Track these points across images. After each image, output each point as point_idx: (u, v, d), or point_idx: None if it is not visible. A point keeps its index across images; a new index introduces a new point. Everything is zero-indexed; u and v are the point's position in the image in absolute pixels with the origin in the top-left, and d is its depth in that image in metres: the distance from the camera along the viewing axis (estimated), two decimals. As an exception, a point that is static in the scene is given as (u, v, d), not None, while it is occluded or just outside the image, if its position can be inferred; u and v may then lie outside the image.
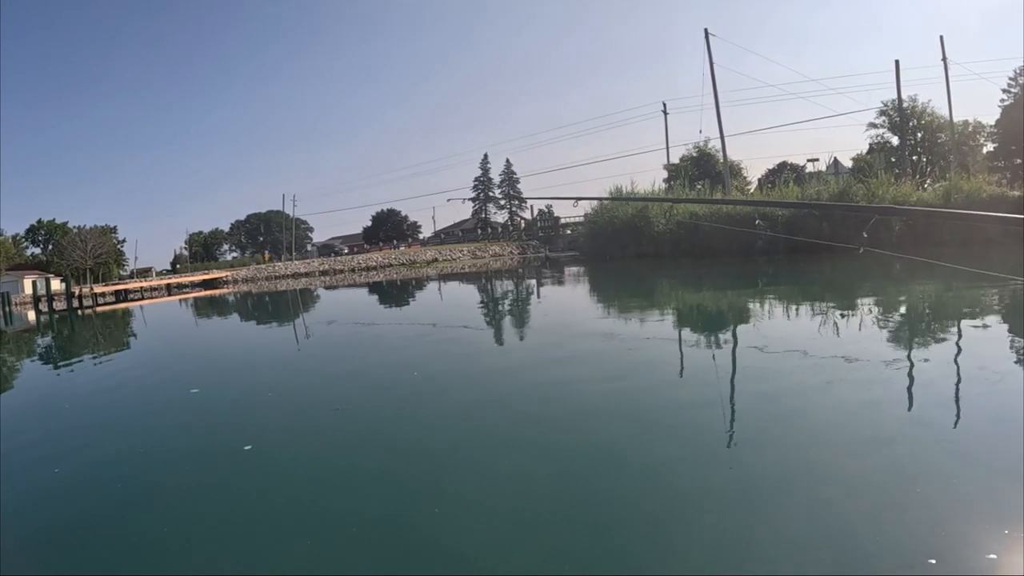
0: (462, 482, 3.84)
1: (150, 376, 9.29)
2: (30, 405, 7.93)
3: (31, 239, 76.92)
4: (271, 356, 10.71)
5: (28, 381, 10.51)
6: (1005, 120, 42.11)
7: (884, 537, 2.75)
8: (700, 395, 5.54)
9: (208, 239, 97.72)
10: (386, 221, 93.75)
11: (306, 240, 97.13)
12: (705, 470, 3.72)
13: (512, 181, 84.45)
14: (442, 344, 10.14)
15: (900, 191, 25.91)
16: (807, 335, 7.98)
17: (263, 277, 51.74)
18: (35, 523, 3.75)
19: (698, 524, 3.04)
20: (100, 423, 6.31)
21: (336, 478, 4.11)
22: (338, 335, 12.98)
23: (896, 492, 3.20)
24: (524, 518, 3.23)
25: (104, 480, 4.46)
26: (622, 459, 4.01)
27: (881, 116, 42.21)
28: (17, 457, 5.22)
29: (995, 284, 10.87)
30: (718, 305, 12.51)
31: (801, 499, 3.22)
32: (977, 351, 6.53)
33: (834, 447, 3.92)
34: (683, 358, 7.31)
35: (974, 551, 2.59)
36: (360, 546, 3.11)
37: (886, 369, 5.89)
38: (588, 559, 2.78)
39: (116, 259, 75.69)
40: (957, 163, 34.23)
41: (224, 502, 3.86)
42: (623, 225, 29.90)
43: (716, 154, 42.59)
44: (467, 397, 6.12)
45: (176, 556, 3.16)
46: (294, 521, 3.44)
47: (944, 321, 8.75)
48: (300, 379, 7.92)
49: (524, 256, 51.82)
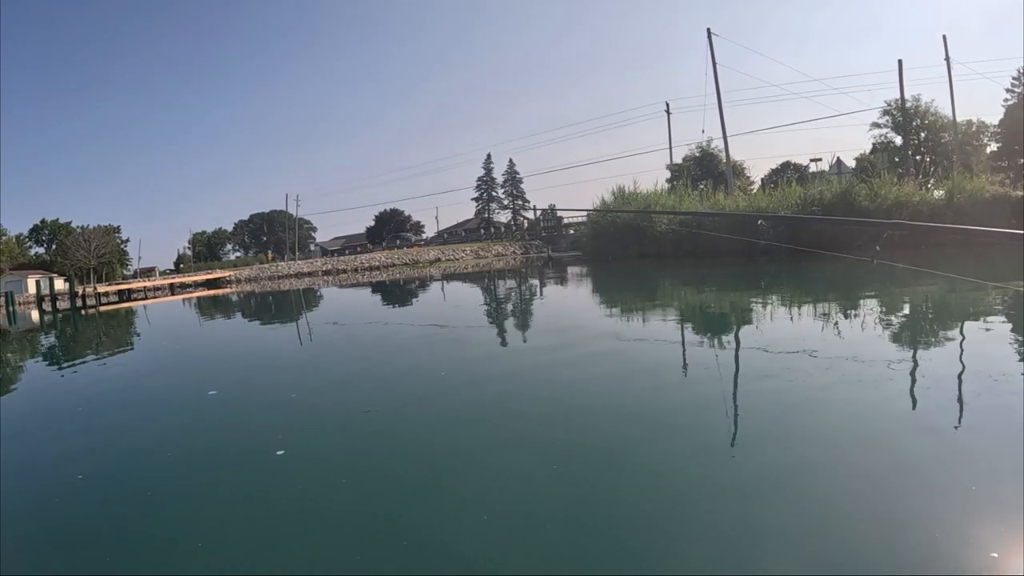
0: (463, 482, 3.86)
1: (161, 377, 9.34)
2: (40, 405, 7.98)
3: (35, 239, 77.24)
4: (280, 356, 10.74)
5: (37, 381, 10.57)
6: (1008, 120, 41.96)
7: (885, 537, 2.76)
8: (702, 395, 5.56)
9: (212, 239, 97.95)
10: (389, 220, 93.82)
11: (309, 240, 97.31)
12: (706, 470, 3.73)
13: (515, 181, 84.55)
14: (445, 344, 10.18)
15: (903, 191, 25.86)
16: (809, 335, 7.99)
17: (266, 277, 51.84)
18: (52, 525, 3.77)
19: (699, 524, 3.05)
20: (118, 424, 6.28)
21: (337, 478, 4.13)
22: (342, 335, 13.04)
23: (897, 492, 3.21)
24: (526, 518, 3.25)
25: (122, 482, 4.48)
26: (624, 459, 4.03)
27: (884, 116, 42.12)
28: (33, 458, 5.25)
29: (997, 286, 10.86)
30: (720, 305, 12.52)
31: (802, 499, 3.24)
32: (978, 352, 6.53)
33: (836, 447, 3.94)
34: (685, 358, 7.33)
35: (975, 551, 2.61)
36: (359, 545, 3.14)
37: (888, 369, 5.90)
38: (589, 559, 2.80)
39: (119, 259, 75.93)
40: (960, 163, 34.11)
41: (224, 502, 3.89)
42: (625, 225, 29.92)
43: (719, 154, 42.61)
44: (468, 397, 6.14)
45: (192, 557, 3.18)
46: (294, 521, 3.47)
47: (946, 322, 8.75)
48: (312, 381, 7.91)
49: (527, 256, 51.81)
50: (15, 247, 68.46)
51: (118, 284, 48.58)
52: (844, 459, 3.72)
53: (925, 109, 40.77)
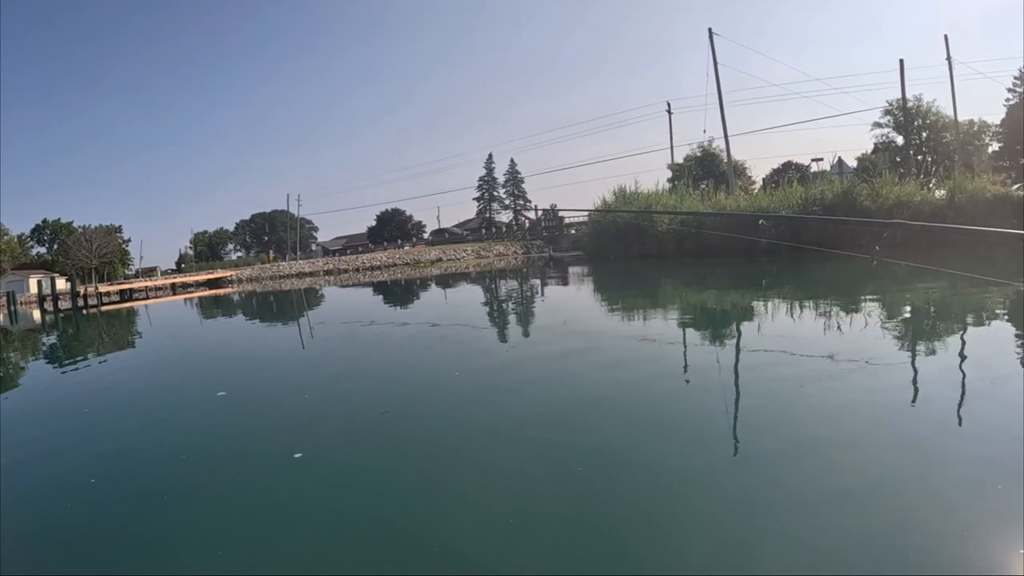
0: (463, 481, 3.87)
1: (165, 376, 9.36)
2: (41, 405, 7.99)
3: (36, 238, 77.37)
4: (286, 356, 10.76)
5: (39, 381, 10.58)
6: (1010, 120, 41.95)
7: (885, 537, 2.77)
8: (704, 395, 5.57)
9: (213, 238, 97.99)
10: (391, 220, 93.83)
11: (311, 239, 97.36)
12: (707, 470, 3.74)
13: (516, 181, 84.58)
14: (447, 344, 10.17)
15: (904, 191, 25.84)
16: (810, 335, 7.99)
17: (267, 277, 51.90)
18: (53, 525, 3.78)
19: (700, 524, 3.06)
20: (121, 425, 6.30)
21: (338, 477, 4.14)
22: (346, 336, 13.04)
23: (897, 492, 3.22)
24: (528, 518, 3.26)
25: (125, 483, 4.48)
26: (624, 459, 4.04)
27: (886, 116, 42.04)
28: (34, 458, 5.25)
29: (1000, 285, 10.84)
30: (721, 305, 12.51)
31: (803, 499, 3.24)
32: (980, 350, 6.53)
33: (837, 447, 3.94)
34: (686, 358, 7.32)
35: (975, 550, 2.61)
36: (359, 545, 3.15)
37: (890, 369, 5.91)
38: (591, 559, 2.80)
39: (121, 258, 76.02)
40: (962, 163, 34.04)
41: (224, 502, 3.89)
42: (627, 225, 29.90)
43: (720, 154, 42.54)
44: (470, 397, 6.14)
45: (194, 558, 3.20)
46: (295, 520, 3.47)
47: (949, 321, 8.75)
48: (319, 381, 7.92)
49: (528, 256, 51.81)
50: (17, 247, 68.58)
51: (119, 284, 48.65)
52: (846, 458, 3.72)
53: (927, 109, 40.67)
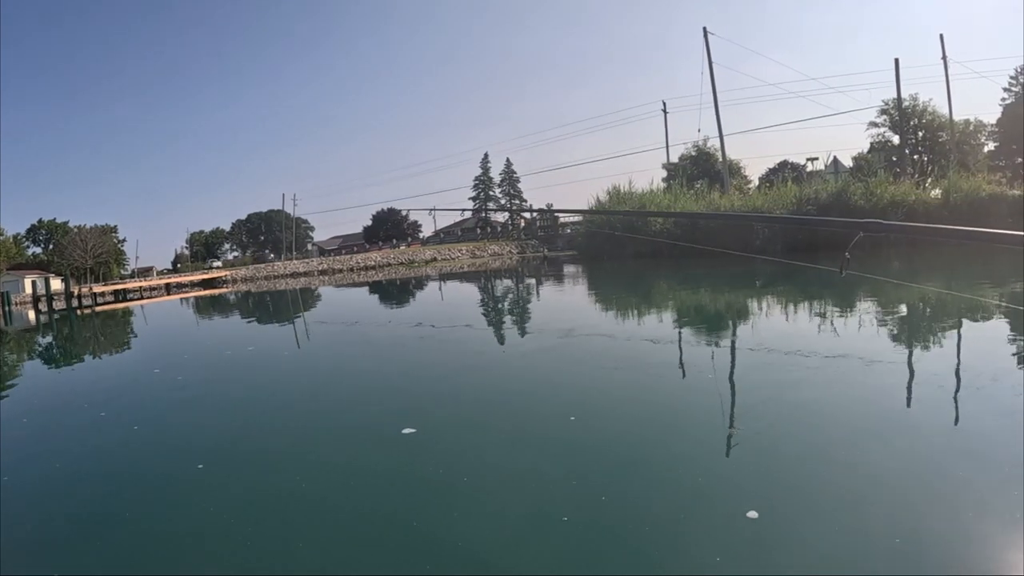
0: (475, 482, 3.83)
1: (164, 375, 9.31)
2: (36, 404, 7.92)
3: (32, 239, 77.15)
4: (287, 356, 10.71)
5: (33, 380, 10.51)
6: (1006, 119, 42.17)
7: (885, 536, 2.77)
8: (710, 396, 5.55)
9: (209, 238, 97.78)
10: (386, 220, 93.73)
11: (307, 239, 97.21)
12: (717, 470, 3.73)
13: (512, 180, 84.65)
14: (448, 344, 10.15)
15: (899, 190, 25.91)
16: (807, 335, 7.99)
17: (262, 276, 51.81)
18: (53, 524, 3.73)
19: (710, 525, 3.04)
20: (120, 424, 6.23)
21: (351, 477, 4.11)
22: (346, 336, 13.02)
23: (897, 492, 3.22)
24: (538, 519, 3.23)
25: (126, 483, 4.45)
26: (634, 459, 4.02)
27: (882, 115, 42.06)
28: (33, 457, 5.21)
29: (995, 284, 10.88)
30: (720, 305, 12.52)
31: (806, 499, 3.24)
32: (977, 349, 6.55)
33: (839, 447, 3.94)
34: (688, 358, 7.30)
35: (975, 550, 2.61)
36: (370, 545, 3.13)
37: (888, 368, 5.93)
38: (601, 559, 2.79)
39: (116, 258, 75.85)
40: (958, 162, 34.14)
41: (233, 502, 3.84)
42: (621, 225, 29.89)
43: (715, 153, 42.52)
44: (474, 397, 6.13)
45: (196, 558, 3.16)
46: (301, 521, 3.44)
47: (943, 320, 8.76)
48: (320, 381, 7.89)
49: (523, 255, 51.82)
50: (12, 247, 68.36)
51: (114, 284, 48.52)
52: (847, 458, 3.72)
53: (923, 108, 40.72)
